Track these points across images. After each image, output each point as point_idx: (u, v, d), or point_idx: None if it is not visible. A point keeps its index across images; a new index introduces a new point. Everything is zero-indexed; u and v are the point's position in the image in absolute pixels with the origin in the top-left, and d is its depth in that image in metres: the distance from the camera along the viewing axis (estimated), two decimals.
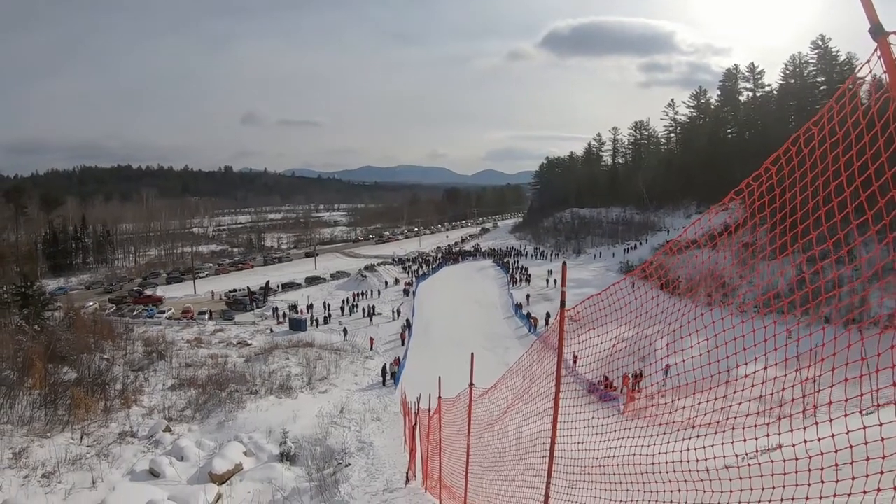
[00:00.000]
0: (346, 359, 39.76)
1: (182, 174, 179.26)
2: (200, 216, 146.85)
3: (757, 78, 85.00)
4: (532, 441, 6.77)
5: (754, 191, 2.96)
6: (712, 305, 3.95)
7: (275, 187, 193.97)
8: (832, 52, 73.83)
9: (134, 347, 38.33)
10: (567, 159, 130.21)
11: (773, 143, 2.94)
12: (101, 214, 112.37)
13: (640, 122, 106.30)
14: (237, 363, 37.56)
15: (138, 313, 62.36)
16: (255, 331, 53.07)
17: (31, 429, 20.84)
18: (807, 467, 2.70)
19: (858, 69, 2.31)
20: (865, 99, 2.42)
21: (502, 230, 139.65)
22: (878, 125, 2.31)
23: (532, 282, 65.19)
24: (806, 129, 2.67)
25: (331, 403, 29.05)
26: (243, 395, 28.52)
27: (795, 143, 2.75)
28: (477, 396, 9.65)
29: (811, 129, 2.65)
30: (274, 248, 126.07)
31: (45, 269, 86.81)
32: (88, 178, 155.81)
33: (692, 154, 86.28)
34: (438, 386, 12.99)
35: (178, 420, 25.39)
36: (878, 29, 2.17)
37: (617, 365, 5.57)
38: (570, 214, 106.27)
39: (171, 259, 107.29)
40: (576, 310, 5.20)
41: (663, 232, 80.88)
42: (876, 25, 2.17)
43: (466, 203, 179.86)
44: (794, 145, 2.76)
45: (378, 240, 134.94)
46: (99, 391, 25.94)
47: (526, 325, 46.25)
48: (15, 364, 25.85)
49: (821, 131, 2.62)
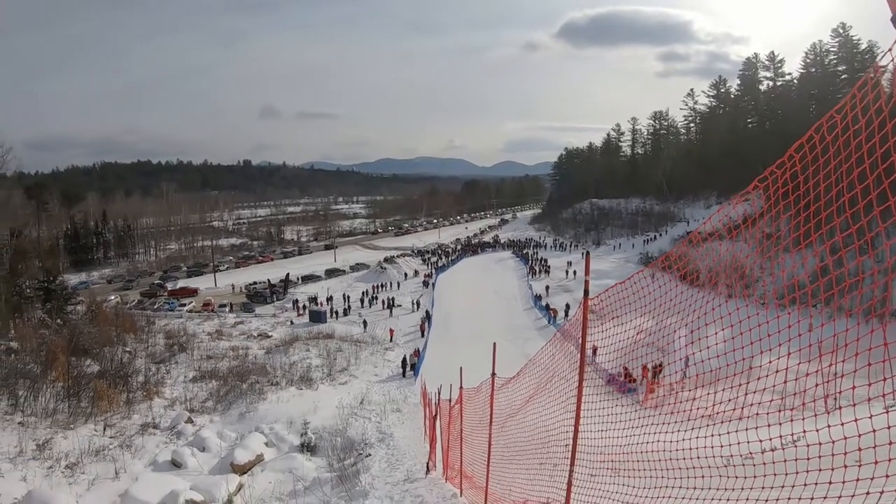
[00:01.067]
0: (365, 350, 39.97)
1: (201, 168, 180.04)
2: (220, 210, 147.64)
3: (777, 67, 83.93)
4: (553, 431, 6.80)
5: (777, 178, 2.96)
6: (733, 296, 3.95)
7: (294, 180, 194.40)
8: (853, 41, 72.70)
9: (155, 340, 38.71)
10: (586, 150, 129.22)
11: (794, 133, 2.94)
12: (122, 209, 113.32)
13: (660, 113, 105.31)
14: (258, 355, 37.83)
15: (159, 306, 62.97)
16: (276, 323, 53.47)
17: (55, 421, 21.09)
18: (830, 452, 2.72)
19: (881, 57, 2.30)
20: (888, 87, 2.41)
21: (521, 221, 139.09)
22: None
23: (551, 273, 65.17)
24: (829, 117, 2.67)
25: (351, 395, 29.19)
26: (264, 387, 28.71)
27: (819, 131, 2.74)
28: (499, 386, 9.68)
29: (834, 117, 2.65)
30: (293, 240, 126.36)
31: (67, 265, 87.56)
32: (108, 173, 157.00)
33: (712, 144, 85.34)
34: (460, 376, 13.03)
35: (200, 411, 25.62)
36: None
37: (636, 356, 5.59)
38: (590, 205, 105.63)
39: (191, 253, 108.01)
40: (598, 299, 5.22)
41: (683, 223, 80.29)
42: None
43: (485, 194, 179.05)
44: (817, 133, 2.75)
45: (397, 232, 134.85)
46: (121, 383, 26.20)
47: (545, 317, 46.17)
48: (38, 357, 26.20)
49: (843, 119, 2.61)
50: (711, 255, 4.06)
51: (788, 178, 2.91)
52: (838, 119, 2.62)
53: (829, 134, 2.69)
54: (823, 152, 2.72)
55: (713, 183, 79.50)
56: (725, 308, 3.79)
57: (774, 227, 3.35)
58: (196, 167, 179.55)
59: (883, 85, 2.40)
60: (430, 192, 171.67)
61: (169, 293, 73.79)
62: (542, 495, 7.42)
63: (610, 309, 5.00)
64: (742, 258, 3.99)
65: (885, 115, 2.41)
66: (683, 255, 4.14)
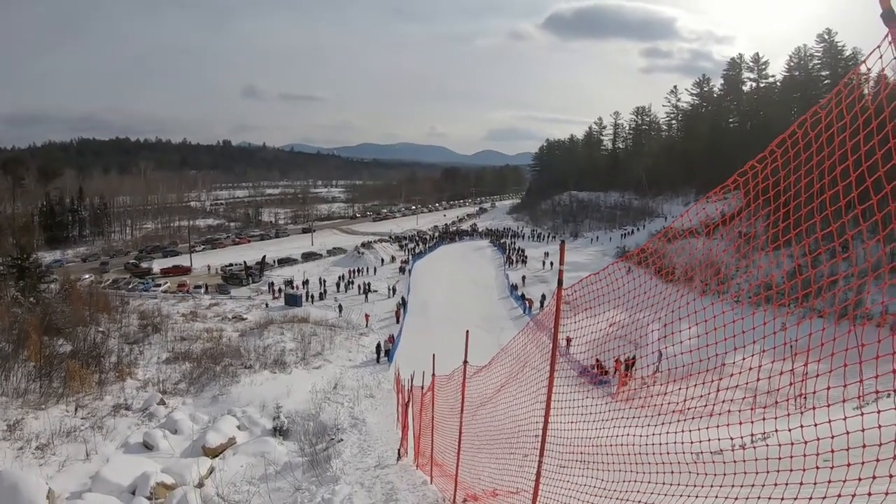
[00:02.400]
0: (340, 335, 39.95)
1: (180, 147, 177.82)
2: (198, 190, 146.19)
3: (761, 68, 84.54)
4: (524, 421, 6.81)
5: (758, 173, 2.94)
6: (707, 293, 3.95)
7: (273, 162, 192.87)
8: (838, 47, 73.45)
9: (129, 320, 38.42)
10: (567, 142, 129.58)
11: (776, 134, 2.92)
12: (99, 187, 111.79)
13: (642, 108, 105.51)
14: (232, 337, 37.75)
15: (134, 286, 62.38)
16: (251, 305, 53.24)
17: (26, 401, 20.89)
18: (802, 452, 2.72)
19: (868, 54, 2.29)
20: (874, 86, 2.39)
21: (500, 211, 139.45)
22: (887, 111, 2.29)
23: (528, 263, 65.42)
24: (813, 113, 2.66)
25: (324, 379, 29.20)
26: (237, 370, 28.62)
27: (802, 127, 2.73)
28: (471, 374, 9.67)
29: (818, 113, 2.64)
30: (271, 223, 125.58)
31: (42, 242, 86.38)
32: (86, 150, 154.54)
33: (693, 142, 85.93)
34: (433, 363, 13.02)
35: (173, 393, 25.47)
36: (889, 14, 2.14)
37: (610, 349, 5.60)
38: (569, 197, 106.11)
39: (167, 232, 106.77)
40: (572, 290, 5.20)
41: (661, 218, 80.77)
42: (888, 11, 2.14)
43: (465, 183, 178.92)
44: (800, 128, 2.74)
45: (376, 217, 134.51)
46: (94, 364, 25.97)
47: (521, 307, 46.40)
48: (10, 336, 25.83)
49: (828, 115, 2.60)
50: (687, 251, 4.05)
51: (770, 174, 2.89)
52: (822, 115, 2.60)
53: (811, 130, 2.67)
54: (805, 149, 2.70)
55: (693, 180, 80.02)
56: (699, 304, 3.79)
57: (750, 226, 3.34)
58: (175, 146, 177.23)
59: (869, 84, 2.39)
60: (409, 179, 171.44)
61: (162, 271, 73.33)
62: (511, 485, 7.45)
63: (584, 300, 4.99)
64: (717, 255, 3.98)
65: (871, 112, 2.39)
66: (659, 249, 4.12)
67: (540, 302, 44.66)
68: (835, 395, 2.71)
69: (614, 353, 6.03)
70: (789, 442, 2.84)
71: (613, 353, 5.95)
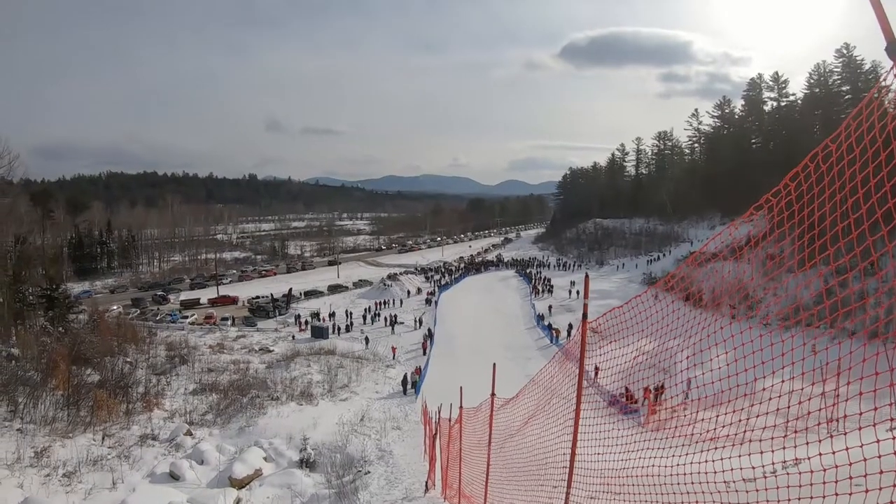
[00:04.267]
0: (367, 367, 39.88)
1: (206, 181, 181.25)
2: (225, 223, 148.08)
3: (781, 87, 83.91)
4: (553, 452, 6.75)
5: (777, 202, 2.94)
6: (735, 318, 3.92)
7: (298, 195, 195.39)
8: (857, 61, 72.59)
9: (157, 351, 38.71)
10: (590, 170, 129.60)
11: (799, 153, 2.93)
12: (126, 220, 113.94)
13: (664, 133, 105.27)
14: (259, 369, 37.78)
15: (162, 318, 62.92)
16: (278, 337, 53.33)
17: (54, 429, 21.11)
18: (834, 478, 2.67)
19: (874, 89, 2.31)
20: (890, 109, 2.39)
21: (525, 240, 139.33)
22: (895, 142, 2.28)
23: (554, 292, 64.93)
24: (824, 147, 2.66)
25: (351, 411, 29.12)
26: (264, 401, 28.67)
27: (814, 160, 2.73)
28: (498, 406, 9.62)
29: (829, 147, 2.64)
30: (297, 255, 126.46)
31: (71, 273, 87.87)
32: (114, 183, 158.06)
33: (716, 164, 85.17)
34: (460, 395, 12.97)
35: (200, 424, 25.57)
36: (893, 48, 2.13)
37: (639, 377, 5.55)
38: (594, 225, 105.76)
39: (194, 265, 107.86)
40: (598, 322, 5.18)
41: (687, 243, 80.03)
42: (892, 44, 2.14)
43: (489, 213, 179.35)
44: (812, 162, 2.74)
45: (401, 249, 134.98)
46: (121, 394, 26.20)
47: (548, 336, 45.99)
48: (39, 365, 26.22)
49: (839, 148, 2.60)
50: (714, 276, 4.02)
51: (794, 199, 2.88)
52: (833, 148, 2.60)
53: (824, 163, 2.68)
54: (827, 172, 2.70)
55: (717, 203, 79.33)
56: (728, 330, 3.75)
57: (778, 249, 3.33)
58: (201, 180, 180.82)
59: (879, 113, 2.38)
60: (434, 210, 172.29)
61: (210, 301, 74.00)
62: None
63: (612, 330, 4.96)
64: (745, 279, 3.95)
65: (879, 144, 2.38)
66: (686, 275, 4.10)
67: (567, 331, 44.28)
68: (867, 419, 2.67)
69: (644, 382, 5.98)
70: (821, 468, 2.79)
71: (643, 382, 5.90)
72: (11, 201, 48.31)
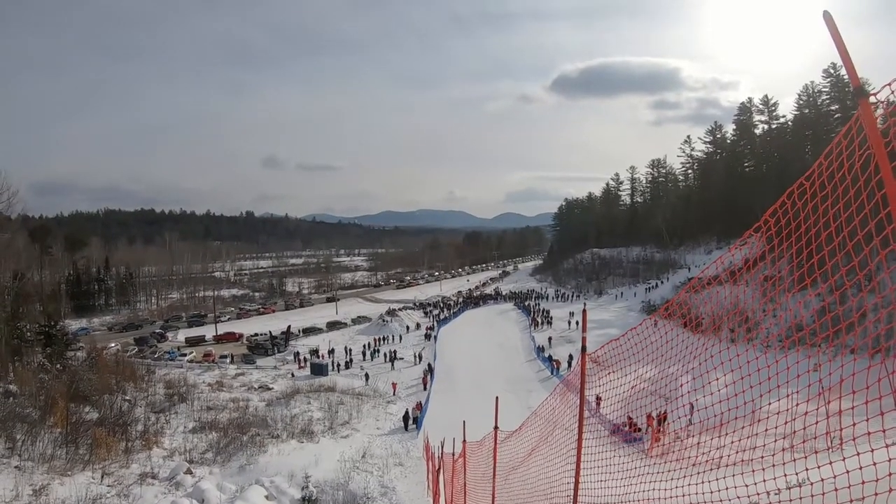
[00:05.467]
0: (367, 403, 39.69)
1: (204, 219, 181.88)
2: (222, 260, 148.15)
3: (771, 110, 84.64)
4: (556, 483, 6.74)
5: (773, 224, 3.00)
6: (736, 341, 3.96)
7: (296, 232, 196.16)
8: (844, 80, 72.89)
9: (155, 389, 38.47)
10: (586, 200, 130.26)
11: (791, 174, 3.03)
12: (124, 257, 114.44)
13: (658, 161, 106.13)
14: (259, 407, 37.56)
15: (160, 355, 62.66)
16: (277, 375, 53.11)
17: (52, 466, 20.89)
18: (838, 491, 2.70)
19: (843, 130, 2.45)
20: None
21: (523, 273, 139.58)
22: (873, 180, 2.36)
23: (554, 324, 64.97)
24: (799, 185, 2.78)
25: (353, 448, 28.90)
26: (265, 439, 28.45)
27: (790, 197, 2.83)
28: (501, 440, 9.61)
29: (804, 185, 2.76)
30: (295, 293, 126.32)
31: (69, 310, 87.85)
32: (112, 220, 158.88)
33: (710, 189, 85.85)
34: (462, 430, 12.93)
35: (200, 463, 25.33)
36: (859, 91, 2.27)
37: (641, 405, 5.57)
38: (591, 255, 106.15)
39: (192, 302, 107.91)
40: (597, 353, 5.23)
41: (684, 269, 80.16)
42: (857, 88, 2.28)
43: (487, 246, 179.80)
44: (788, 199, 2.84)
45: (399, 284, 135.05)
46: (120, 432, 25.97)
47: (548, 368, 45.95)
48: (37, 402, 26.05)
49: (812, 186, 2.71)
50: (713, 300, 4.08)
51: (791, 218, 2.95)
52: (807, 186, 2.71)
53: (799, 201, 2.77)
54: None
55: (713, 228, 79.79)
56: (728, 353, 3.80)
57: (775, 270, 3.39)
58: (199, 217, 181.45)
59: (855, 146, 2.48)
60: (431, 245, 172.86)
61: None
62: None
63: (612, 359, 5.01)
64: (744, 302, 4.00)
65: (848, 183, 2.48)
66: (685, 301, 4.16)
67: (567, 362, 44.19)
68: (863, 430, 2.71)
69: (646, 409, 6.00)
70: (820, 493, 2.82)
71: (645, 409, 5.92)
72: (10, 237, 48.34)
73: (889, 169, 2.21)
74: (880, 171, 2.24)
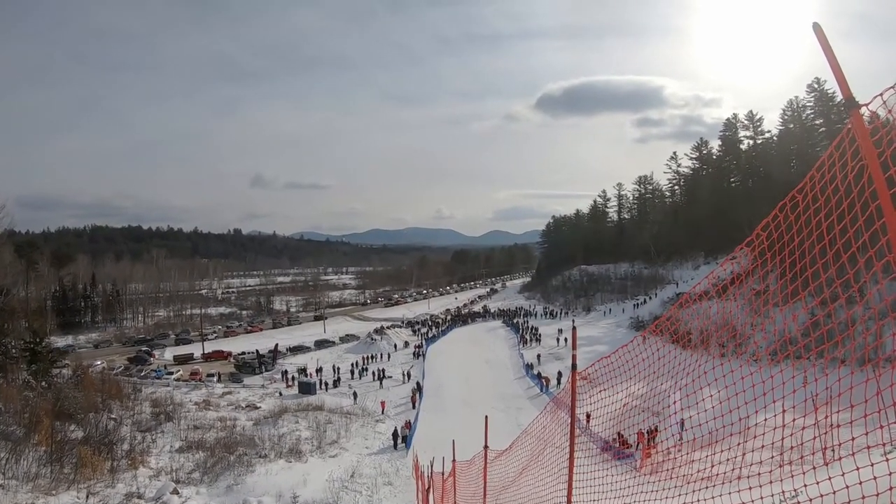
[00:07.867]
0: (356, 422, 39.44)
1: (191, 236, 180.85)
2: (210, 278, 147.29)
3: (756, 125, 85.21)
4: (548, 502, 6.69)
5: (764, 240, 3.01)
6: (726, 356, 3.95)
7: (284, 250, 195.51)
8: (828, 94, 73.54)
9: (142, 408, 38.08)
10: (573, 217, 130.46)
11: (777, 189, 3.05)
12: (111, 273, 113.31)
13: (644, 177, 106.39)
14: (246, 426, 37.25)
15: (146, 374, 62.06)
16: (265, 394, 52.68)
17: (37, 486, 20.63)
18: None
19: (835, 142, 2.48)
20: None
21: (511, 290, 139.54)
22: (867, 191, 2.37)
23: (542, 341, 64.93)
24: (791, 198, 2.79)
25: (341, 467, 28.70)
26: (252, 459, 28.22)
27: (782, 210, 2.85)
28: (492, 459, 9.55)
29: (796, 198, 2.77)
30: (283, 311, 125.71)
31: (54, 326, 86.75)
32: (99, 236, 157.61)
33: (697, 205, 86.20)
34: (452, 449, 12.85)
35: (186, 482, 25.07)
36: (850, 102, 2.30)
37: (631, 422, 5.56)
38: (579, 272, 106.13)
39: (179, 320, 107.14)
40: (587, 371, 5.22)
41: (672, 285, 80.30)
42: (848, 99, 2.31)
43: (475, 264, 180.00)
44: (781, 212, 2.87)
45: (387, 303, 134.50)
46: (106, 451, 25.67)
47: (537, 385, 45.90)
48: (21, 420, 25.72)
49: (805, 198, 2.74)
50: (703, 316, 4.07)
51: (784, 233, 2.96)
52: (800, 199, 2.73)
53: (792, 213, 2.80)
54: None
55: (700, 244, 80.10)
56: (719, 369, 3.79)
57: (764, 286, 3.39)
58: (186, 234, 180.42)
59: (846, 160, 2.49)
60: (419, 263, 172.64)
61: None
62: None
63: (602, 376, 4.99)
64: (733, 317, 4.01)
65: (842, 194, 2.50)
66: (675, 318, 4.15)
67: (557, 379, 44.20)
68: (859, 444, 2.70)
69: (636, 426, 5.99)
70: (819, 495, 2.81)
71: (635, 426, 5.91)
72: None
73: (882, 178, 2.22)
74: (873, 181, 2.25)
